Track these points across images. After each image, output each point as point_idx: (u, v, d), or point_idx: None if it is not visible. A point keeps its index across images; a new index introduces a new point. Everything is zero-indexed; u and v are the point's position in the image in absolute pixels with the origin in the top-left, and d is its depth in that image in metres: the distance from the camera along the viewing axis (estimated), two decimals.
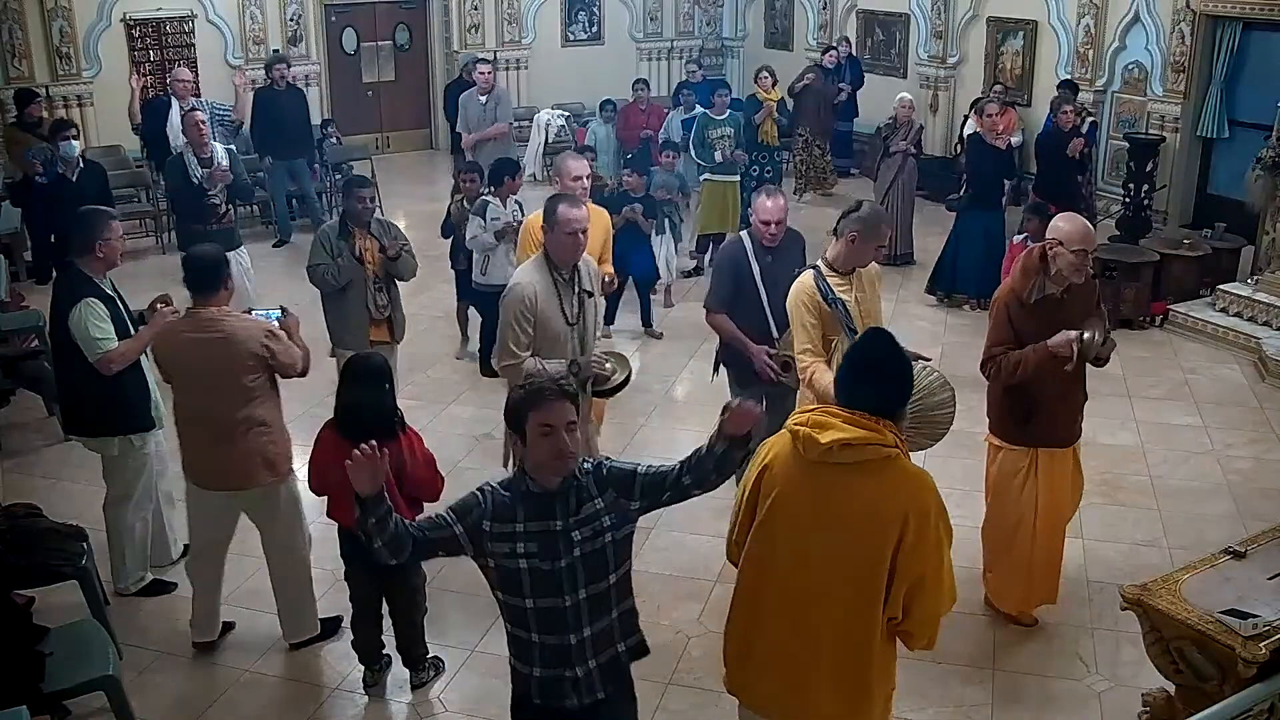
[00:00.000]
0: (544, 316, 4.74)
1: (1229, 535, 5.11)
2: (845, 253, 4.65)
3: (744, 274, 5.39)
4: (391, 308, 6.30)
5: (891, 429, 3.09)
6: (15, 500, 5.40)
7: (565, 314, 4.81)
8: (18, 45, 11.67)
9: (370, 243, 6.14)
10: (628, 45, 15.78)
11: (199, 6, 12.84)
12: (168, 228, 10.92)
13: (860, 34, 14.27)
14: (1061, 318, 4.62)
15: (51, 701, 4.13)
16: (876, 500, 3.06)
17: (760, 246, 5.38)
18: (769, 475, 3.23)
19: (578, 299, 4.87)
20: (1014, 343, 4.65)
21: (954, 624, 5.10)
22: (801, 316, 4.58)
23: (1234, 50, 10.30)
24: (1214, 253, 9.19)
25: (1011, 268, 5.17)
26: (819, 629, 3.14)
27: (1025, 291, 4.65)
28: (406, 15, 14.74)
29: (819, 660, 3.15)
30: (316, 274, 6.11)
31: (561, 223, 4.70)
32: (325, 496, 4.55)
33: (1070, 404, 4.82)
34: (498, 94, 10.62)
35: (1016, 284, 4.70)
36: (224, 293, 4.69)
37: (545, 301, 4.74)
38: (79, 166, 8.55)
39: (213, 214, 7.44)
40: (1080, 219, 4.71)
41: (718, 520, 5.94)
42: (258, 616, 5.16)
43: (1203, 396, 7.60)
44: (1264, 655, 3.46)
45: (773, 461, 3.23)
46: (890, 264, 10.18)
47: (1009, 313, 4.70)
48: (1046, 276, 4.62)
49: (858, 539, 3.07)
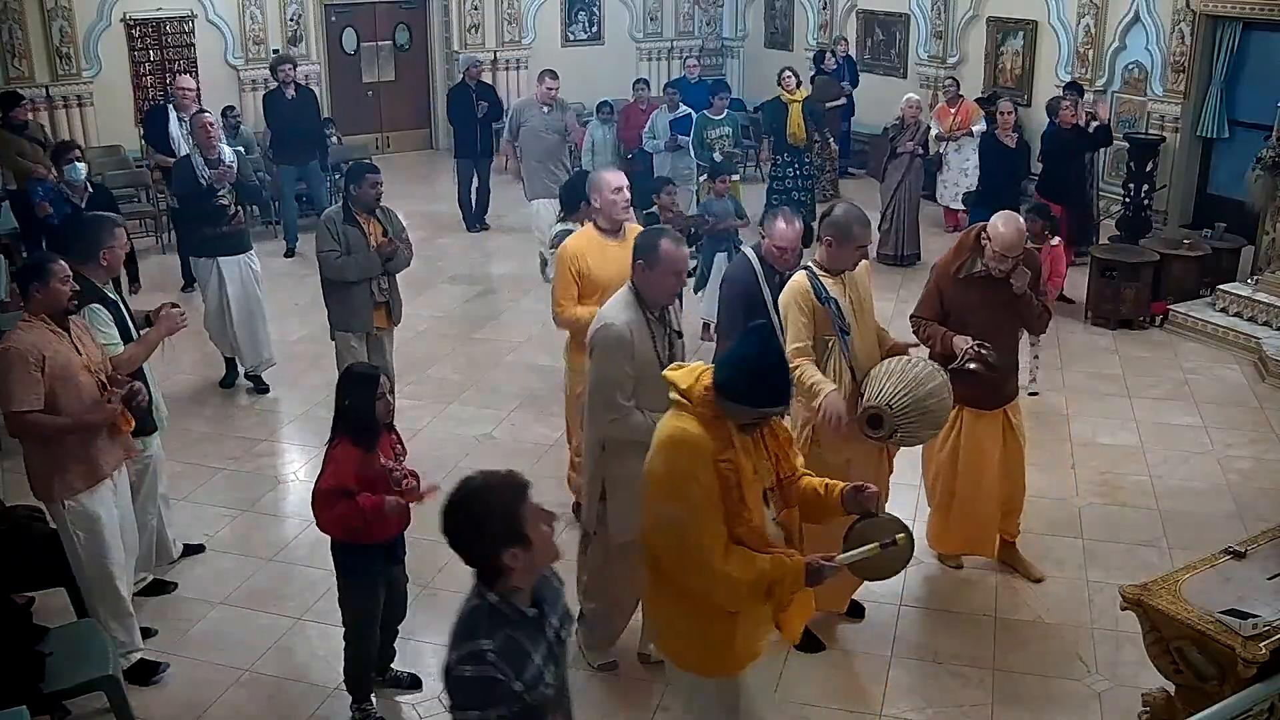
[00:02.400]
0: (641, 360, 4.22)
1: (1229, 535, 5.10)
2: (827, 256, 4.67)
3: (755, 300, 5.18)
4: (390, 291, 6.43)
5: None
6: (16, 501, 5.39)
7: (659, 357, 4.25)
8: (18, 45, 11.66)
9: (374, 226, 6.29)
10: (628, 45, 15.78)
11: (199, 6, 12.84)
12: (167, 228, 10.93)
13: (860, 34, 14.26)
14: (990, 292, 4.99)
15: (51, 701, 4.13)
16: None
17: (769, 268, 5.20)
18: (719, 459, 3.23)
19: (668, 339, 4.36)
20: (938, 309, 5.09)
21: (954, 624, 5.13)
22: (794, 315, 4.57)
23: (1234, 50, 10.29)
24: (1214, 253, 9.18)
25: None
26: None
27: (954, 266, 5.07)
28: (406, 15, 14.73)
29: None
30: (330, 262, 6.20)
31: (666, 262, 4.17)
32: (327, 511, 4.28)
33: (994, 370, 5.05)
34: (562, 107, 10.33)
35: (949, 258, 5.13)
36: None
37: (641, 344, 4.23)
38: (87, 191, 7.98)
39: (223, 216, 7.36)
40: (1016, 226, 4.94)
41: None
42: (258, 616, 5.16)
43: (1203, 396, 7.60)
44: (1264, 655, 3.46)
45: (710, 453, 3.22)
46: (897, 264, 10.22)
47: (938, 283, 5.13)
48: (979, 257, 4.99)
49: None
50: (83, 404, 4.42)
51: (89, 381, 4.46)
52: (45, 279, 4.41)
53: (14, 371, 4.29)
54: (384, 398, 4.25)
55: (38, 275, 4.42)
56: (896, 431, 4.41)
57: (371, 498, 4.13)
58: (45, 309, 4.42)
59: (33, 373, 4.29)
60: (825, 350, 4.59)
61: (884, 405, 4.35)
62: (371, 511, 4.12)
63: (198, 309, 7.65)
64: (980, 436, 5.19)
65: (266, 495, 6.35)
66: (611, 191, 5.34)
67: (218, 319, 7.55)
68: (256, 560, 5.57)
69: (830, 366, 4.58)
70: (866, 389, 4.46)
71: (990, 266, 4.95)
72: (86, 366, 4.48)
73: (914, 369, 4.44)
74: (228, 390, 7.74)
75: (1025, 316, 5.14)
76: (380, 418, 4.25)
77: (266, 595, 5.11)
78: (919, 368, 4.46)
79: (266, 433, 7.15)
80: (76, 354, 4.46)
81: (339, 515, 4.15)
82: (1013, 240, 4.89)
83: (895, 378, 4.40)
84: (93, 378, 4.49)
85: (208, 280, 7.52)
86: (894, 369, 4.46)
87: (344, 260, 6.16)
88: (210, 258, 7.47)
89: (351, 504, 4.11)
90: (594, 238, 5.40)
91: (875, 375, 4.48)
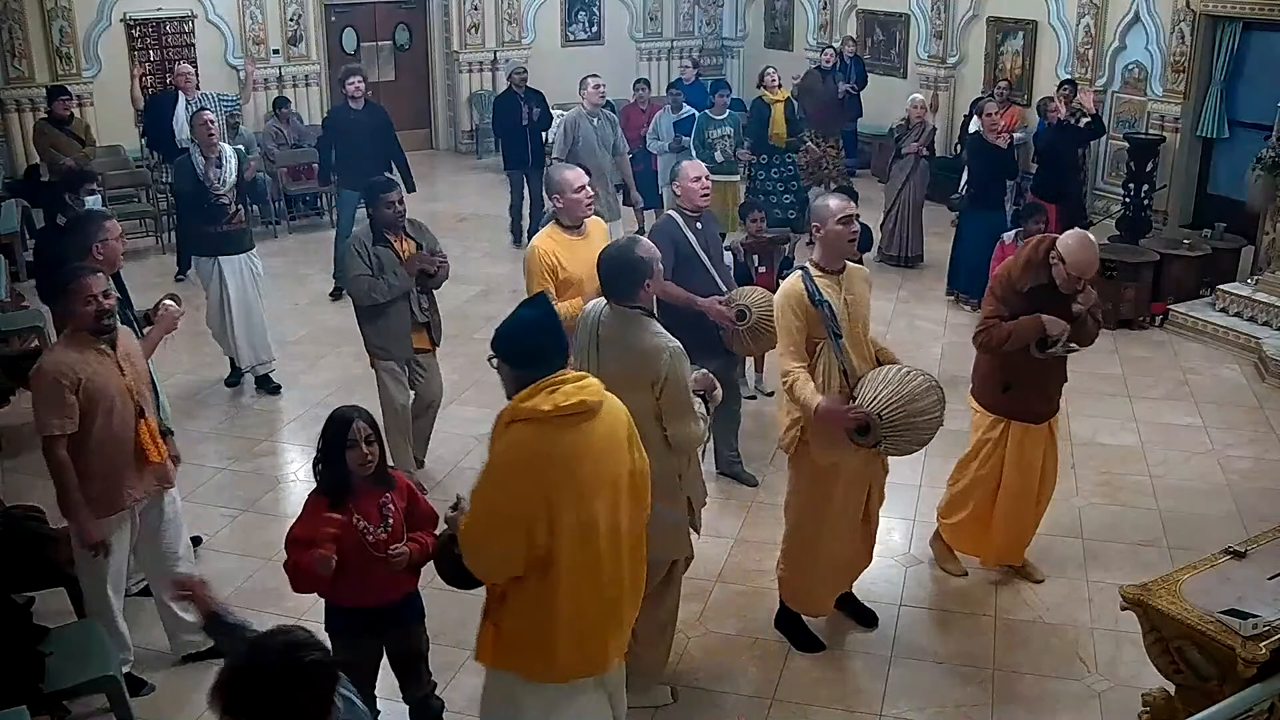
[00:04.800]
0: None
1: (1229, 535, 5.10)
2: (821, 249, 4.65)
3: (682, 244, 5.74)
4: (431, 310, 6.14)
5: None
6: (16, 501, 5.39)
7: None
8: (18, 45, 11.65)
9: (407, 244, 5.96)
10: (628, 45, 15.78)
11: (199, 6, 12.84)
12: (167, 227, 10.92)
13: (860, 34, 14.25)
14: (1051, 305, 4.86)
15: (51, 701, 4.12)
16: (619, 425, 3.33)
17: (688, 218, 5.80)
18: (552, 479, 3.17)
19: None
20: (1007, 318, 4.91)
21: (954, 624, 5.13)
22: (787, 320, 4.53)
23: (1234, 50, 10.29)
24: (1214, 253, 9.18)
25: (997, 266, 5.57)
26: (626, 566, 3.35)
27: (1020, 281, 4.92)
28: (406, 15, 14.73)
29: (628, 589, 3.39)
30: (360, 287, 5.81)
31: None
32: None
33: (1047, 382, 5.08)
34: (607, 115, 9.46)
35: (1015, 271, 4.96)
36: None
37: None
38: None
39: (223, 214, 7.35)
40: (1092, 248, 4.85)
41: (718, 521, 5.96)
42: (258, 616, 5.13)
43: (1203, 396, 7.60)
44: (1264, 655, 3.46)
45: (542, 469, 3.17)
46: (899, 265, 10.22)
47: (1003, 295, 4.98)
48: (1043, 271, 4.86)
49: (625, 466, 3.32)
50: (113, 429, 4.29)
51: (125, 407, 4.33)
52: (65, 301, 4.27)
53: (44, 393, 4.20)
54: (356, 446, 3.73)
55: (60, 295, 4.29)
56: (882, 441, 4.40)
57: (306, 554, 3.70)
58: (79, 326, 4.29)
59: (66, 396, 4.17)
60: (814, 353, 4.53)
61: (874, 415, 4.33)
62: (309, 564, 3.68)
63: (194, 304, 7.64)
64: (1028, 450, 5.11)
65: (266, 495, 6.35)
66: (574, 191, 5.39)
67: (218, 318, 7.55)
68: (256, 560, 5.56)
69: (820, 369, 4.50)
70: (859, 394, 4.43)
71: (1059, 285, 4.83)
72: (129, 388, 4.35)
73: (910, 381, 4.40)
74: (232, 389, 7.75)
75: (1079, 332, 4.99)
76: (352, 469, 3.77)
77: (266, 595, 5.11)
78: (915, 380, 4.42)
79: (266, 433, 7.16)
80: (119, 374, 4.33)
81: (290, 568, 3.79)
82: (1089, 263, 4.80)
83: (891, 388, 4.37)
84: (132, 403, 4.35)
85: (209, 279, 7.50)
86: (890, 378, 4.41)
87: (373, 281, 5.77)
88: (211, 256, 7.45)
89: (293, 560, 3.76)
90: (559, 236, 5.43)
91: (870, 381, 4.44)
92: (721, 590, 5.39)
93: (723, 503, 6.09)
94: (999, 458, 5.13)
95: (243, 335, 7.55)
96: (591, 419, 3.22)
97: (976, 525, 5.32)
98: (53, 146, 9.86)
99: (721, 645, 4.98)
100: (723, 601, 5.30)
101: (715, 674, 4.78)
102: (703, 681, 4.70)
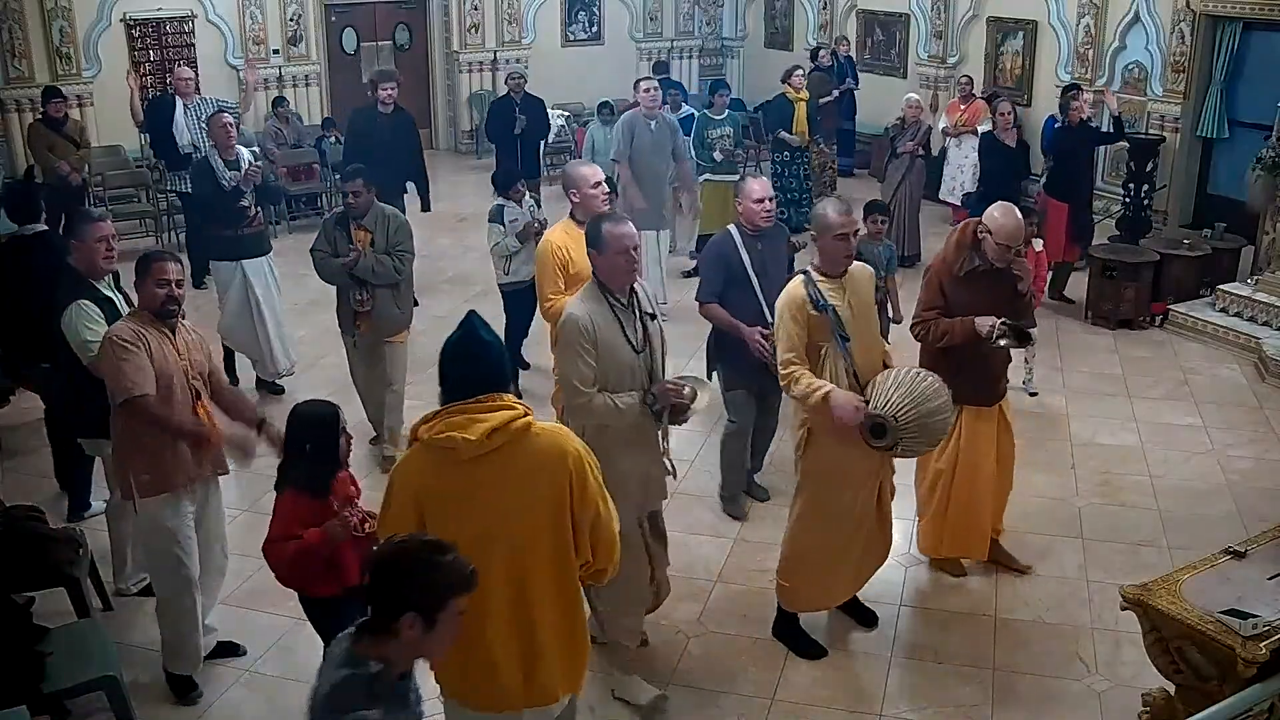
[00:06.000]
0: (607, 348, 4.17)
1: (1229, 535, 5.11)
2: (820, 253, 4.65)
3: (734, 265, 5.60)
4: (372, 302, 6.38)
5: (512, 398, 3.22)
6: (16, 501, 5.38)
7: (630, 342, 4.23)
8: (18, 45, 11.63)
9: (362, 235, 6.29)
10: (628, 45, 15.78)
11: (199, 6, 12.83)
12: (168, 228, 10.92)
13: (860, 34, 14.26)
14: (990, 288, 4.97)
15: (51, 701, 4.13)
16: (538, 465, 3.18)
17: (748, 236, 5.61)
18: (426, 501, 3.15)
19: (640, 324, 4.30)
20: (944, 309, 5.01)
21: (954, 624, 5.13)
22: (786, 323, 4.53)
23: (1234, 50, 10.28)
24: (1214, 253, 9.19)
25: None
26: (535, 606, 3.23)
27: (955, 264, 5.03)
28: (406, 15, 14.73)
29: (542, 631, 3.26)
30: (315, 259, 6.43)
31: (610, 242, 4.18)
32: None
33: (992, 365, 5.15)
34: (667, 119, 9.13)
35: (949, 256, 5.09)
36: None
37: (605, 331, 4.18)
38: None
39: (243, 218, 7.30)
40: (1014, 214, 4.97)
41: (718, 521, 5.96)
42: (258, 616, 5.16)
43: (1203, 396, 7.60)
44: (1264, 655, 3.46)
45: (418, 491, 3.16)
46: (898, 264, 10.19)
47: (940, 282, 5.06)
48: (976, 253, 4.97)
49: (542, 507, 3.18)
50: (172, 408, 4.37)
51: (183, 390, 4.41)
52: (142, 275, 4.42)
53: (118, 356, 4.25)
54: (343, 433, 3.92)
55: (139, 269, 4.44)
56: (898, 444, 4.40)
57: (314, 530, 3.84)
58: (145, 306, 4.44)
59: (141, 360, 4.25)
60: (819, 357, 4.53)
61: (890, 416, 4.32)
62: (322, 542, 3.82)
63: (199, 309, 7.63)
64: (979, 435, 5.21)
65: (266, 495, 6.32)
66: (591, 186, 5.49)
67: (243, 322, 7.46)
68: (256, 560, 5.50)
69: (826, 374, 4.51)
70: (871, 396, 4.41)
71: (991, 258, 4.94)
72: (186, 372, 4.43)
73: (921, 382, 4.40)
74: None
75: (1023, 312, 5.11)
76: (342, 459, 3.92)
77: (266, 595, 5.10)
78: (926, 381, 4.42)
79: None
80: (179, 357, 4.43)
81: (293, 558, 3.86)
82: (1014, 229, 4.91)
83: (903, 390, 4.37)
84: (189, 392, 4.44)
85: (229, 284, 7.42)
86: (902, 379, 4.41)
87: (323, 260, 6.35)
88: (233, 260, 7.37)
89: (301, 544, 3.86)
90: (572, 230, 5.43)
91: (881, 383, 4.43)
92: (721, 590, 5.39)
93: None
94: (954, 448, 5.20)
95: (275, 338, 7.51)
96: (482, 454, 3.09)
97: (933, 521, 5.40)
98: (48, 148, 9.85)
99: (721, 645, 4.98)
100: (723, 601, 5.30)
101: (715, 674, 4.78)
102: (702, 682, 4.70)
